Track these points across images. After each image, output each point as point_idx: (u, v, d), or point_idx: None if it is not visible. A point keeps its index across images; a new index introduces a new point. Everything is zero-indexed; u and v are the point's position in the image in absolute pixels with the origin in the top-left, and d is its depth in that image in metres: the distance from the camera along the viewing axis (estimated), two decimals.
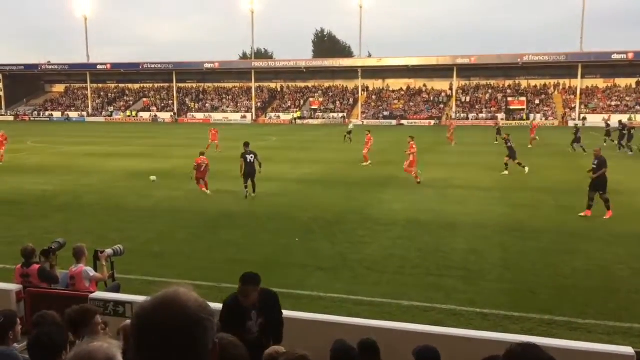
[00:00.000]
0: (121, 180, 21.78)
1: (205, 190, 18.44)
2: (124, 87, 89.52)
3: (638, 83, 70.88)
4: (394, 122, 70.05)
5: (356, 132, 40.67)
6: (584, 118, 64.35)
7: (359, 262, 11.03)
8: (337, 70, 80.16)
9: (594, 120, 61.99)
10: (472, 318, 8.15)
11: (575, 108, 69.21)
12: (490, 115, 69.22)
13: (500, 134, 39.29)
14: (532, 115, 67.15)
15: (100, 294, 6.96)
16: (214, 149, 31.93)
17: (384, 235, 13.22)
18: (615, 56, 66.92)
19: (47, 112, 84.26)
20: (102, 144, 39.61)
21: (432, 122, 69.56)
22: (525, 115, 68.44)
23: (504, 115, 68.88)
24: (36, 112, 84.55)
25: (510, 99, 72.72)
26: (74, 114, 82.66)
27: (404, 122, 70.18)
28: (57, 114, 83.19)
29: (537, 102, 72.06)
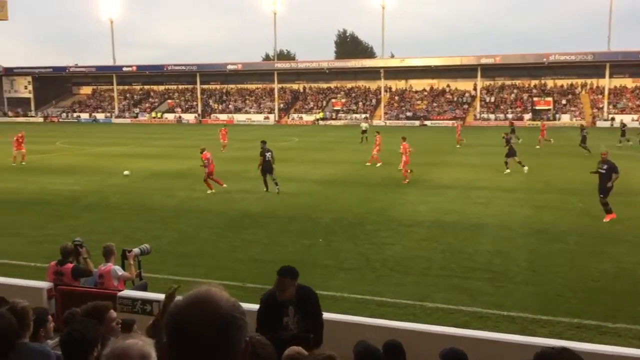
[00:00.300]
0: (146, 181, 22.07)
1: (212, 190, 18.85)
2: (149, 89, 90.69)
3: None
4: (417, 123, 69.59)
5: (369, 132, 40.55)
6: (612, 118, 63.04)
7: (381, 263, 10.99)
8: (360, 71, 79.99)
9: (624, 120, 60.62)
10: (498, 321, 8.05)
11: (603, 108, 67.86)
12: (515, 115, 68.24)
13: (515, 133, 38.97)
14: (558, 115, 66.05)
15: (128, 293, 7.06)
16: (220, 148, 32.80)
17: (407, 236, 13.15)
18: None
19: (75, 114, 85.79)
20: (127, 144, 40.19)
21: (456, 122, 68.80)
22: (552, 115, 67.36)
23: (531, 115, 67.88)
24: (64, 114, 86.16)
25: (536, 99, 71.61)
26: (100, 116, 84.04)
27: (427, 122, 69.64)
28: (84, 116, 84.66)
29: (564, 102, 70.82)
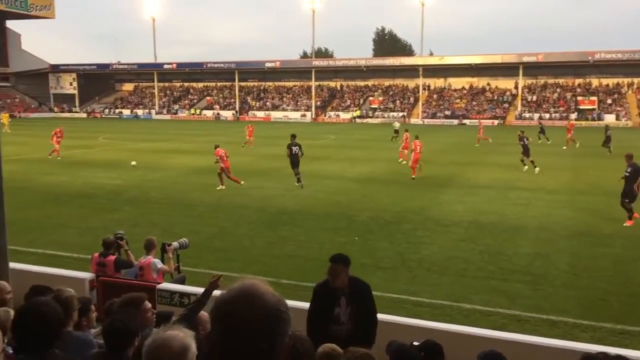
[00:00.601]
0: (185, 176, 22.46)
1: (222, 186, 19.02)
2: (189, 86, 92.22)
3: None
4: (455, 122, 68.63)
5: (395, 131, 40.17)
6: None
7: (417, 262, 10.89)
8: (398, 69, 79.35)
9: None
10: (538, 325, 7.86)
11: None
12: (559, 115, 66.49)
13: (544, 133, 38.06)
14: (602, 115, 64.01)
15: (166, 285, 7.19)
16: (247, 145, 34.19)
17: (444, 236, 12.99)
18: None
19: (117, 110, 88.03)
20: (167, 140, 40.97)
21: (496, 121, 67.58)
22: (597, 115, 65.36)
23: (576, 115, 66.01)
24: (107, 110, 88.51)
25: (580, 98, 69.53)
26: (141, 112, 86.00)
27: (466, 121, 68.53)
28: (126, 112, 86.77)
29: (609, 101, 68.60)
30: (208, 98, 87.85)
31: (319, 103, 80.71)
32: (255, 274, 9.40)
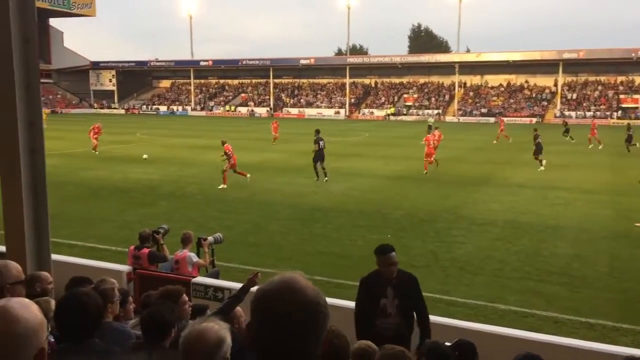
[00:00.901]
0: (219, 172, 22.71)
1: (224, 185, 18.91)
2: (224, 83, 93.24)
3: None
4: (492, 120, 67.43)
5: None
6: None
7: (451, 261, 10.77)
8: (433, 66, 78.45)
9: None
10: (576, 327, 7.68)
11: None
12: (599, 113, 64.58)
13: (568, 132, 37.02)
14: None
15: (201, 279, 7.30)
16: (271, 141, 34.86)
17: (479, 235, 12.80)
18: None
19: (154, 106, 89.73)
20: (202, 137, 41.51)
21: (534, 119, 66.10)
22: None
23: (619, 114, 64.02)
24: (145, 106, 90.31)
25: (622, 96, 67.39)
26: (178, 108, 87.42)
27: (503, 119, 67.19)
28: (163, 108, 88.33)
29: None
30: (243, 95, 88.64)
31: (353, 100, 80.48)
32: (286, 270, 9.48)
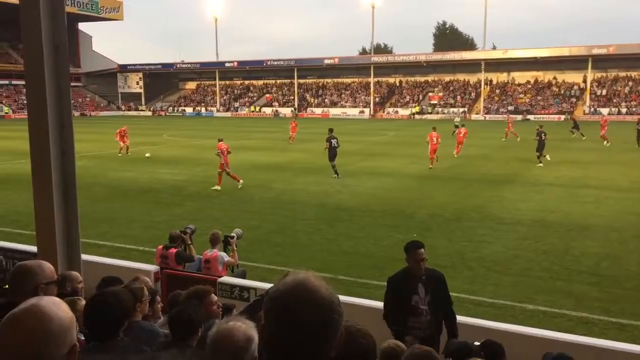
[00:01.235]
0: (244, 172, 22.85)
1: (218, 186, 18.73)
2: (249, 84, 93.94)
3: None
4: (519, 117, 66.43)
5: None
6: None
7: (478, 261, 10.64)
8: (459, 64, 77.71)
9: None
10: (606, 328, 7.53)
11: None
12: (630, 110, 63.13)
13: (578, 128, 36.19)
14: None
15: (227, 279, 7.37)
16: (287, 141, 35.28)
17: (507, 235, 12.63)
18: None
19: (180, 108, 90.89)
20: (227, 138, 41.72)
21: (562, 117, 64.94)
22: None
23: None
24: (171, 108, 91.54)
25: None
26: (203, 109, 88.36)
27: (530, 117, 66.26)
28: (189, 110, 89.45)
29: None
30: (267, 95, 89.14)
31: (377, 99, 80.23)
32: (312, 269, 9.50)
